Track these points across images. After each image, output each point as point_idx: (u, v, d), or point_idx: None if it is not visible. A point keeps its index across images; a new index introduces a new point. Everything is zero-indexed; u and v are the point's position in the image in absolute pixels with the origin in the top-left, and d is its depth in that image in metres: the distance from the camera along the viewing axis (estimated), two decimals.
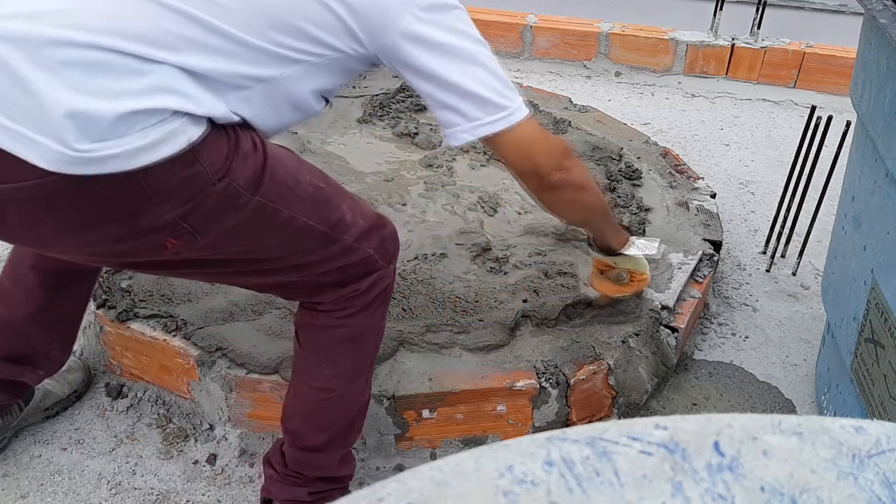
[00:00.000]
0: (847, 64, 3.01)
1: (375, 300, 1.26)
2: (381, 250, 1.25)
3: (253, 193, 1.04)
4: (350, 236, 1.18)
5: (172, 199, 0.97)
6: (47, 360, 1.44)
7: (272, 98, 1.07)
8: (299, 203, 1.11)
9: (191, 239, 1.03)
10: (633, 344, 1.63)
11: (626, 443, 0.39)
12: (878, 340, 1.32)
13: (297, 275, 1.19)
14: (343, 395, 1.29)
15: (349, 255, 1.20)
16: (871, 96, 1.36)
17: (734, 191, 2.52)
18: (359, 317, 1.25)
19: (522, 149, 1.17)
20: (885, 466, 0.40)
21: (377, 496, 0.37)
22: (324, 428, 1.29)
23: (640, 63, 3.28)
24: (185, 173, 0.96)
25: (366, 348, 1.30)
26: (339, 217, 1.17)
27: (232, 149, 1.01)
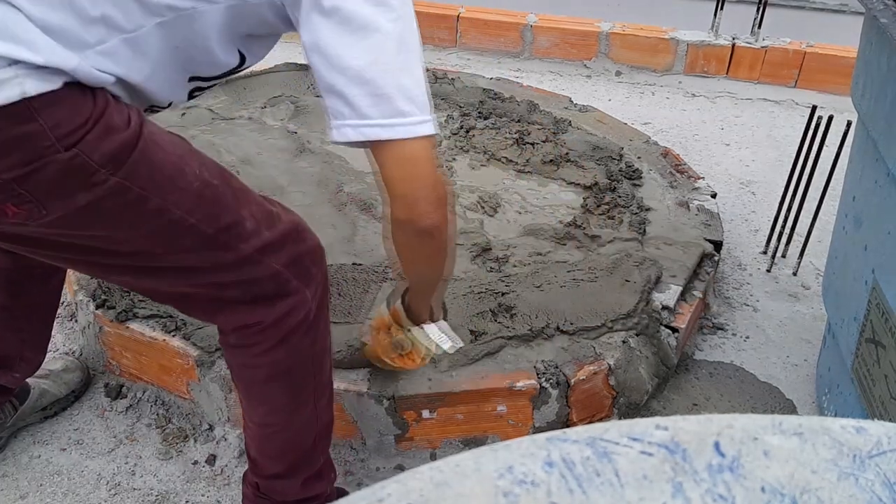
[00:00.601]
0: (848, 64, 3.01)
1: (295, 331, 1.13)
2: (296, 268, 1.10)
3: (112, 173, 0.92)
4: (249, 246, 1.04)
5: (4, 159, 0.86)
6: (21, 361, 1.41)
7: (148, 50, 0.93)
8: (178, 195, 0.98)
9: (32, 209, 0.91)
10: (634, 344, 1.63)
11: (627, 443, 0.39)
12: (879, 340, 1.32)
13: (184, 282, 1.06)
14: (287, 428, 1.21)
15: (249, 268, 1.06)
16: (871, 96, 1.36)
17: (735, 191, 2.52)
18: (277, 352, 1.13)
19: (408, 171, 0.98)
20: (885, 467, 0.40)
21: (377, 496, 0.37)
22: (276, 458, 1.24)
23: (641, 63, 3.28)
24: (18, 131, 0.85)
25: (297, 382, 1.19)
26: (233, 221, 1.03)
27: (93, 117, 0.89)
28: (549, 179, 2.20)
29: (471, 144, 2.33)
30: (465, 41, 3.41)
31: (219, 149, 2.22)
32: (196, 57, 0.99)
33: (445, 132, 2.40)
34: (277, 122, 2.42)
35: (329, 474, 1.33)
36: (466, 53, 3.40)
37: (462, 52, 3.41)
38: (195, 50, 0.98)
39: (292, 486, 1.27)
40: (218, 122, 2.39)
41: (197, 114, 2.42)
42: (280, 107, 2.50)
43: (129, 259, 1.03)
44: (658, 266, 1.82)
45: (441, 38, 3.41)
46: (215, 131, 2.33)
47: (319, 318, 1.17)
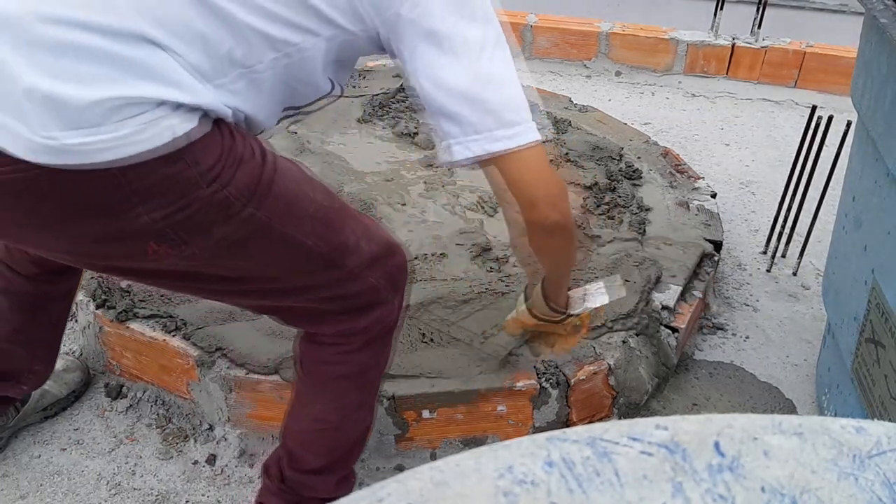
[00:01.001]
0: (847, 64, 3.01)
1: (379, 336, 1.20)
2: (388, 281, 1.16)
3: (246, 204, 0.95)
4: (352, 263, 1.10)
5: (154, 200, 0.89)
6: (30, 375, 1.43)
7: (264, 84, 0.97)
8: (298, 221, 1.02)
9: (175, 246, 0.94)
10: (634, 344, 1.63)
11: (627, 443, 0.39)
12: (879, 340, 1.32)
13: (294, 299, 1.11)
14: (342, 427, 1.25)
15: (351, 283, 1.12)
16: (871, 96, 1.36)
17: (735, 191, 2.52)
18: (360, 354, 1.20)
19: (526, 177, 1.02)
20: (885, 467, 0.40)
21: (377, 496, 0.37)
22: (321, 454, 1.26)
23: (641, 63, 3.28)
24: (169, 171, 0.88)
25: (368, 382, 1.25)
26: (342, 241, 1.08)
27: (226, 151, 0.92)
28: None
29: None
30: None
31: None
32: (298, 88, 1.02)
33: None
34: None
35: (353, 479, 1.37)
36: None
37: None
38: (298, 81, 1.01)
39: (327, 484, 1.29)
40: None
41: None
42: None
43: (251, 284, 1.07)
44: (658, 266, 1.83)
45: None
46: None
47: (394, 328, 1.24)
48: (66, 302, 1.42)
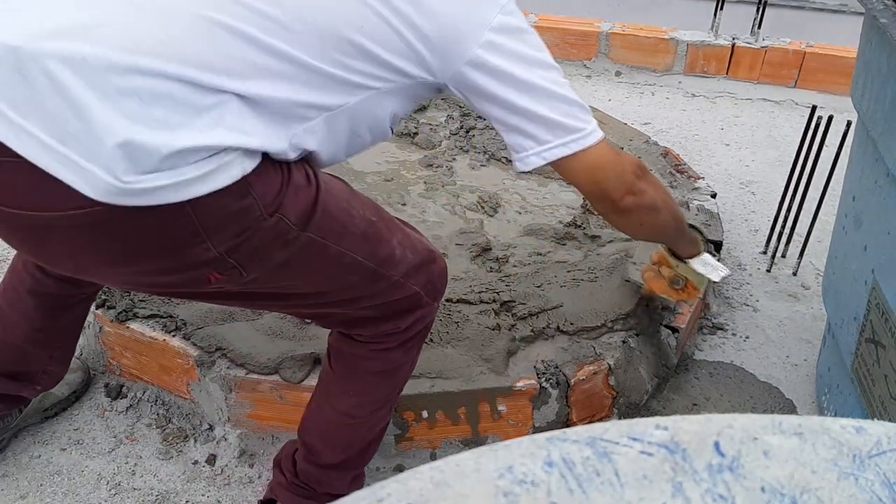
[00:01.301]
0: (847, 64, 3.01)
1: (415, 337, 1.25)
2: (429, 287, 1.21)
3: (303, 229, 1.00)
4: (397, 273, 1.14)
5: (221, 234, 0.92)
6: (45, 375, 1.44)
7: (338, 126, 1.01)
8: (349, 238, 1.06)
9: (235, 274, 0.98)
10: (634, 344, 1.63)
11: (627, 443, 0.39)
12: (879, 340, 1.32)
13: (339, 308, 1.16)
14: (365, 423, 1.28)
15: (395, 292, 1.16)
16: (871, 96, 1.36)
17: (734, 191, 2.52)
18: (396, 352, 1.24)
19: (591, 173, 1.12)
20: (885, 467, 0.40)
21: (377, 496, 0.37)
22: (341, 449, 1.28)
23: (641, 63, 3.28)
24: (236, 206, 0.91)
25: (397, 381, 1.29)
26: (388, 253, 1.13)
27: (284, 181, 0.96)
28: (548, 179, 2.20)
29: (471, 144, 2.33)
30: None
31: None
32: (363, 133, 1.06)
33: (445, 132, 2.40)
34: None
35: (363, 479, 1.39)
36: None
37: None
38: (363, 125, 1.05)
39: (342, 480, 1.31)
40: None
41: None
42: None
43: (300, 299, 1.13)
44: None
45: None
46: None
47: (429, 329, 1.29)
48: (87, 304, 1.43)
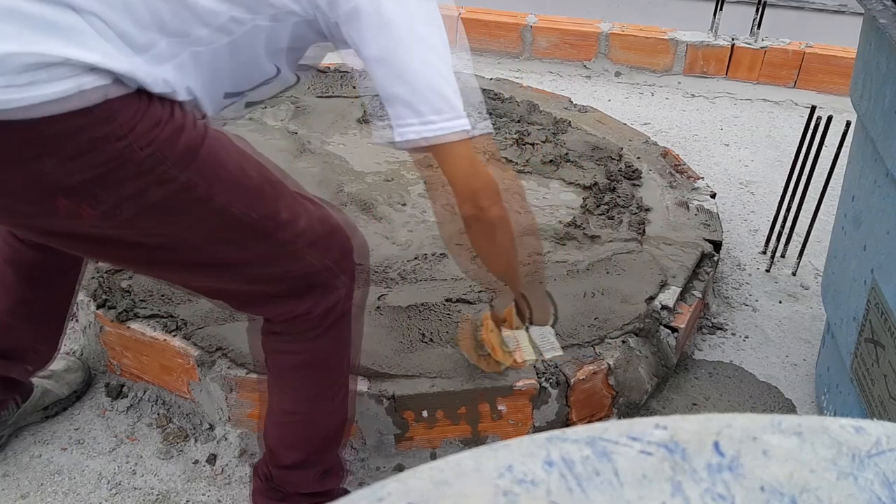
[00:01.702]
0: (847, 64, 3.01)
1: (336, 324, 1.19)
2: (334, 263, 1.16)
3: (182, 170, 0.96)
4: (286, 237, 1.09)
5: (83, 158, 0.90)
6: (34, 354, 1.43)
7: (214, 64, 1.00)
8: (238, 192, 1.03)
9: (108, 210, 0.95)
10: (633, 344, 1.63)
11: (626, 443, 0.39)
12: (878, 340, 1.32)
13: (229, 276, 1.11)
14: (309, 419, 1.26)
15: (289, 262, 1.11)
16: (870, 96, 1.36)
17: (734, 191, 2.52)
18: (317, 342, 1.19)
19: (468, 167, 1.08)
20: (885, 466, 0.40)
21: (377, 496, 0.37)
22: (295, 447, 1.27)
23: (640, 63, 3.28)
24: (99, 132, 0.90)
25: (329, 373, 1.24)
26: (272, 211, 1.08)
27: (165, 118, 0.95)
28: (548, 179, 2.20)
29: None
30: None
31: None
32: (240, 69, 1.04)
33: None
34: (278, 122, 2.42)
35: (339, 472, 1.36)
36: None
37: None
38: (240, 61, 1.03)
39: (307, 478, 1.29)
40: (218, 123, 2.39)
41: None
42: (280, 107, 2.51)
43: (188, 255, 1.07)
44: (663, 271, 1.83)
45: None
46: None
47: (357, 313, 1.24)
48: (70, 278, 1.41)
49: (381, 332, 1.61)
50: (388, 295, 1.71)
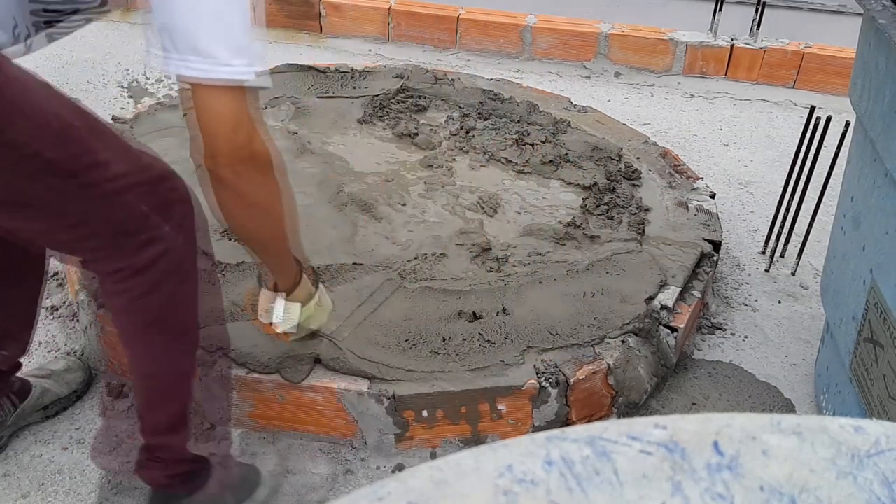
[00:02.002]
0: (846, 64, 3.01)
1: (170, 277, 1.16)
2: (161, 211, 1.13)
3: None
4: (99, 177, 1.06)
5: None
6: (9, 339, 1.42)
7: None
8: (36, 131, 0.99)
9: None
10: (633, 344, 1.63)
11: (626, 442, 0.39)
12: (877, 340, 1.32)
13: (47, 219, 1.08)
14: (169, 378, 1.26)
15: (109, 205, 1.09)
16: (870, 96, 1.37)
17: (733, 191, 2.52)
18: (150, 297, 1.16)
19: (214, 116, 1.03)
20: (884, 466, 0.40)
21: (377, 495, 0.37)
22: (162, 410, 1.28)
23: (640, 63, 3.28)
24: None
25: (177, 328, 1.23)
26: (81, 151, 1.05)
27: None
28: (548, 180, 2.20)
29: (471, 145, 2.33)
30: (465, 42, 3.41)
31: None
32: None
33: (445, 132, 2.40)
34: (278, 122, 2.42)
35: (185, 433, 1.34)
36: (466, 54, 3.40)
37: (462, 52, 3.41)
38: None
39: (181, 442, 1.30)
40: None
41: None
42: (281, 108, 2.51)
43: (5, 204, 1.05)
44: (663, 272, 1.83)
45: (441, 39, 3.41)
46: None
47: (190, 260, 1.19)
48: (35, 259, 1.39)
49: (382, 332, 1.61)
50: (387, 295, 1.71)
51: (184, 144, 2.25)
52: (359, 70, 2.75)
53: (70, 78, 3.00)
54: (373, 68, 2.78)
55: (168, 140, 2.28)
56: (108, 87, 2.97)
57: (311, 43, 3.45)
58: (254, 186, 1.10)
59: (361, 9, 3.42)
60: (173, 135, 2.31)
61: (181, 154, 2.19)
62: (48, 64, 3.04)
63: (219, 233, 1.87)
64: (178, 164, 2.19)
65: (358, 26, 3.45)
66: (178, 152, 2.21)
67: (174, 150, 2.22)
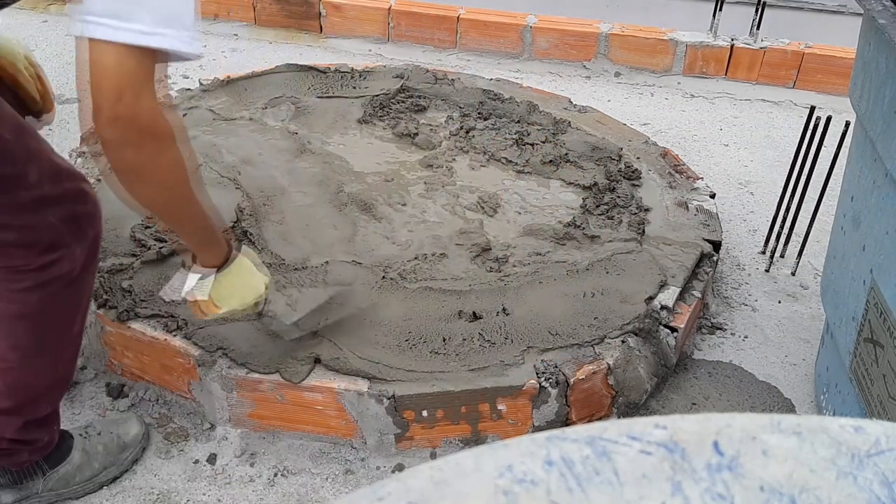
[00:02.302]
0: (846, 64, 3.01)
1: (57, 281, 1.22)
2: (72, 226, 1.21)
3: None
4: (28, 195, 1.14)
5: None
6: None
7: None
8: None
9: None
10: (633, 344, 1.63)
11: (626, 442, 0.39)
12: (877, 340, 1.32)
13: None
14: (22, 368, 1.27)
15: (27, 216, 1.16)
16: (870, 96, 1.37)
17: (733, 191, 2.52)
18: (32, 295, 1.21)
19: (101, 71, 0.96)
20: (884, 466, 0.40)
21: (377, 496, 0.37)
22: (4, 394, 1.28)
23: (640, 63, 3.28)
24: None
25: (48, 328, 1.26)
26: (17, 172, 1.12)
27: None
28: (548, 180, 2.20)
29: (471, 145, 2.33)
30: (465, 42, 3.41)
31: (220, 149, 2.22)
32: None
33: (445, 132, 2.40)
34: (278, 122, 2.42)
35: (52, 426, 1.37)
36: (466, 54, 3.40)
37: (462, 52, 3.41)
38: None
39: (11, 425, 1.30)
40: (219, 123, 2.39)
41: (198, 114, 2.43)
42: (281, 107, 2.51)
43: None
44: (663, 272, 1.83)
45: (441, 40, 3.41)
46: (216, 132, 2.34)
47: (84, 278, 1.26)
48: None
49: (382, 332, 1.61)
50: (387, 295, 1.71)
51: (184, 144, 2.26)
52: (359, 70, 2.75)
53: (70, 78, 3.00)
54: (373, 68, 2.78)
55: None
56: None
57: (311, 43, 3.45)
58: (141, 153, 1.03)
59: (361, 9, 3.42)
60: None
61: None
62: (48, 64, 3.04)
63: None
64: None
65: (358, 26, 3.45)
66: None
67: None
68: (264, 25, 3.58)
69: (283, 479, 1.49)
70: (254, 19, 3.59)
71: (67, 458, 1.41)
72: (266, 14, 3.56)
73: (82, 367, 1.71)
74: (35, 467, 1.38)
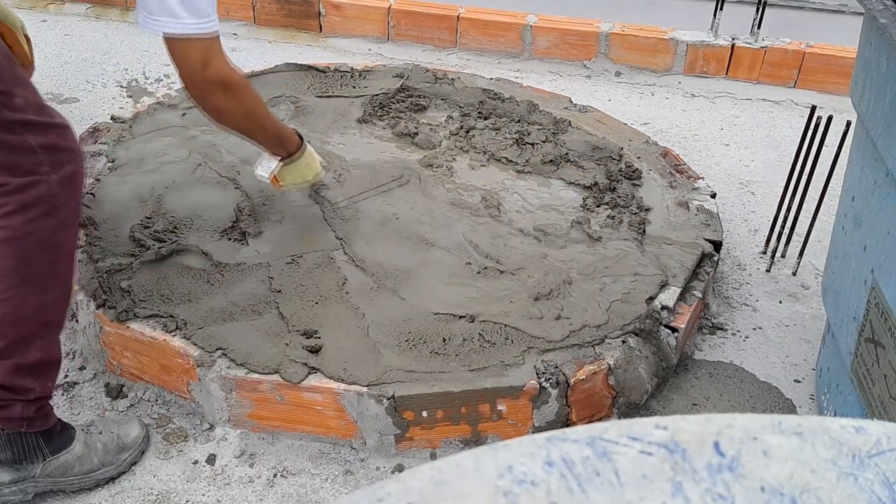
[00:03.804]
0: (847, 64, 3.01)
1: (36, 205, 1.25)
2: (51, 156, 1.26)
3: None
4: (13, 115, 1.21)
5: None
6: None
7: None
8: None
9: None
10: (633, 344, 1.63)
11: (627, 443, 0.39)
12: (879, 340, 1.32)
13: None
14: (6, 301, 1.27)
15: (9, 136, 1.22)
16: (871, 96, 1.36)
17: (734, 191, 2.52)
18: (15, 218, 1.25)
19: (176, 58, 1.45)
20: (885, 466, 0.40)
21: (377, 496, 0.37)
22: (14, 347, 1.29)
23: (641, 63, 3.28)
24: None
25: (31, 258, 1.27)
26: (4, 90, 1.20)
27: None
28: (548, 179, 2.20)
29: (471, 144, 2.33)
30: (465, 41, 3.41)
31: (220, 149, 2.22)
32: None
33: (445, 132, 2.40)
34: None
35: (45, 380, 1.36)
36: (466, 54, 3.40)
37: (462, 52, 3.41)
38: None
39: (1, 367, 1.29)
40: None
41: (197, 114, 2.42)
42: (280, 107, 2.50)
43: None
44: (664, 272, 1.82)
45: (441, 39, 3.41)
46: (216, 131, 2.33)
47: (65, 209, 1.30)
48: None
49: (382, 332, 1.61)
50: (387, 295, 1.71)
51: (183, 144, 2.26)
52: (359, 69, 2.75)
53: (69, 77, 3.00)
54: (373, 68, 2.78)
55: (167, 139, 2.27)
56: (108, 87, 2.97)
57: (310, 42, 3.45)
58: (230, 99, 1.53)
59: (361, 8, 3.42)
60: (172, 134, 2.31)
61: (180, 154, 2.19)
62: (47, 63, 3.04)
63: (218, 233, 1.87)
64: (178, 164, 2.20)
65: (358, 26, 3.45)
66: (177, 151, 2.21)
67: (173, 149, 2.22)
68: (264, 25, 3.58)
69: (283, 479, 1.49)
70: (253, 19, 3.59)
71: (69, 448, 1.41)
72: (265, 13, 3.56)
73: (81, 368, 1.71)
74: (36, 448, 1.37)
